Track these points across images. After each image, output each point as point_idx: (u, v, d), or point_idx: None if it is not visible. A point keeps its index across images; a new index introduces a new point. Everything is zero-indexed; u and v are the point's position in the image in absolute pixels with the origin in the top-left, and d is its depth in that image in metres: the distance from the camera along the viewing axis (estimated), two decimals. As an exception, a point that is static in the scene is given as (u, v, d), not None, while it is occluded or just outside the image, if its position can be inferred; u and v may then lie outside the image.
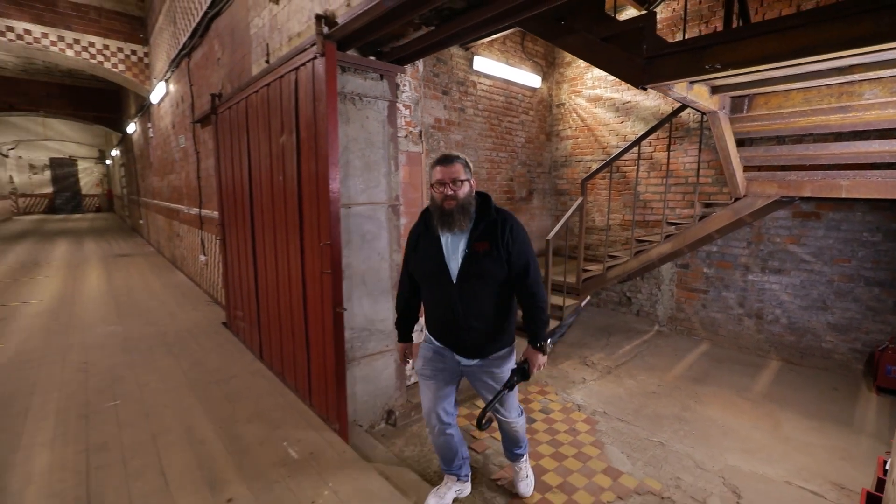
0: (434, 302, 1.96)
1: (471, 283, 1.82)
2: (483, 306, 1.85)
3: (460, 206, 1.78)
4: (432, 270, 1.89)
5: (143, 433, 2.50)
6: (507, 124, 5.77)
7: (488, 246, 1.80)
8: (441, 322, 1.95)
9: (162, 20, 6.46)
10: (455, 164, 1.79)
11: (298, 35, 2.67)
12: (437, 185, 1.79)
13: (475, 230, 1.82)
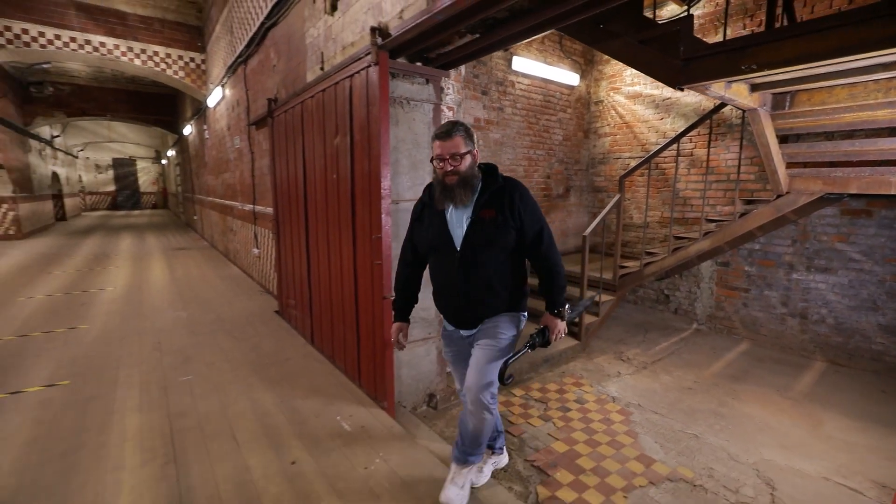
0: (438, 272, 1.90)
1: (475, 252, 1.76)
2: (488, 275, 1.78)
3: (462, 181, 1.73)
4: (436, 240, 1.84)
5: (215, 404, 2.80)
6: (544, 122, 5.85)
7: (494, 213, 1.74)
8: (445, 293, 1.90)
9: (219, 29, 6.93)
10: (454, 136, 1.72)
11: (352, 45, 2.90)
12: (437, 161, 1.75)
13: (481, 198, 1.77)
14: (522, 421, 3.20)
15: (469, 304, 1.84)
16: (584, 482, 2.54)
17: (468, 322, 1.91)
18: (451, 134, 1.72)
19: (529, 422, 3.19)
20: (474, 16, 2.09)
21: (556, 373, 4.03)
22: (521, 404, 3.45)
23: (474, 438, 1.95)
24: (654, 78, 2.62)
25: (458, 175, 1.72)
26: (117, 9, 7.46)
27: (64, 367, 3.36)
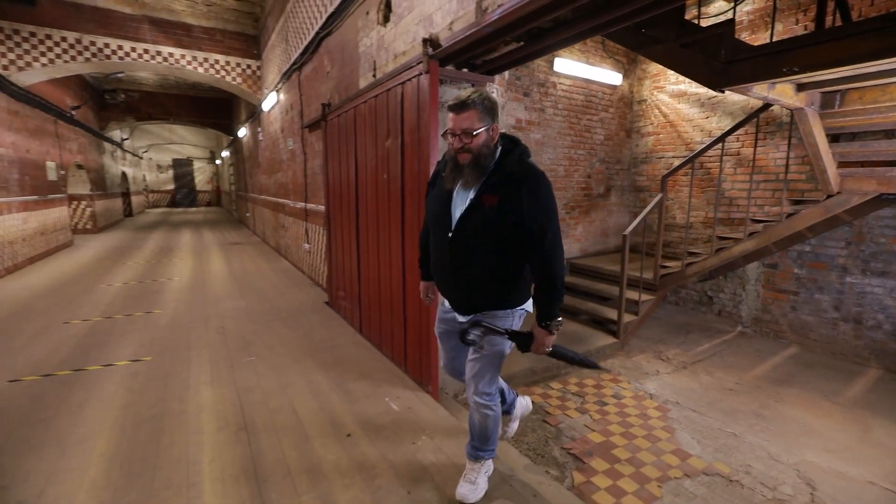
0: (433, 247, 1.84)
1: (466, 237, 1.65)
2: (477, 263, 1.66)
3: (474, 160, 1.60)
4: (436, 214, 1.77)
5: (276, 383, 3.10)
6: (585, 122, 5.89)
7: (496, 201, 1.58)
8: (436, 270, 1.85)
9: (275, 38, 7.38)
10: (469, 109, 1.56)
11: (404, 53, 3.11)
12: (449, 135, 1.62)
13: (489, 180, 1.62)
14: (559, 412, 3.32)
15: (457, 288, 1.75)
16: (618, 471, 2.64)
17: (460, 307, 1.81)
18: (465, 106, 1.55)
19: (566, 413, 3.31)
20: (521, 27, 2.24)
21: (593, 370, 4.10)
22: (559, 397, 3.56)
23: (481, 434, 1.95)
24: (695, 80, 2.67)
25: (470, 153, 1.58)
26: (184, 21, 8.08)
27: (145, 345, 3.77)
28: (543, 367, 3.91)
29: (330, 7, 4.49)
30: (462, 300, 1.78)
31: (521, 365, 3.83)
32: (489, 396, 1.85)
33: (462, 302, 1.79)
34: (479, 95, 1.57)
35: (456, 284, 1.75)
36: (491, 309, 1.75)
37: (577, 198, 5.96)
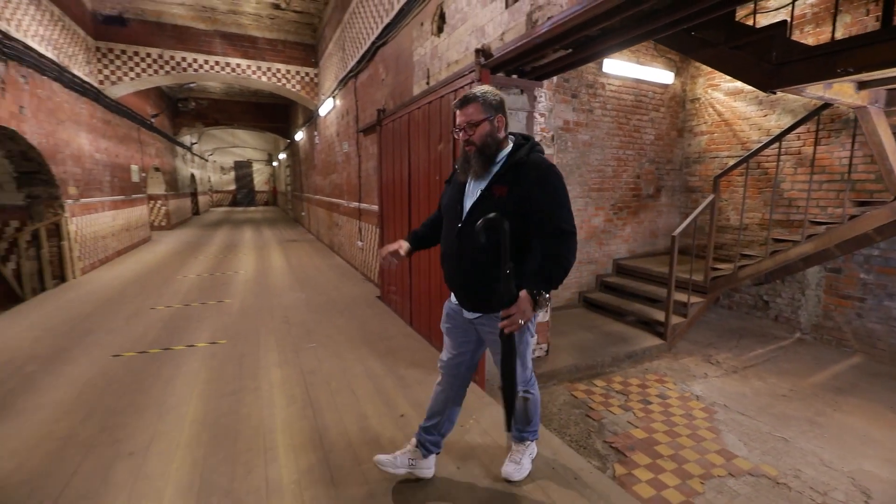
0: (445, 239, 1.85)
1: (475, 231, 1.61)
2: (483, 259, 1.66)
3: (478, 151, 1.66)
4: (449, 205, 1.82)
5: (336, 366, 3.38)
6: (635, 122, 5.85)
7: (506, 192, 1.62)
8: (445, 263, 1.85)
9: (332, 47, 7.82)
10: (470, 104, 1.65)
11: (457, 62, 3.31)
12: (456, 130, 1.72)
13: (498, 172, 1.67)
14: (602, 408, 3.40)
15: (465, 280, 1.75)
16: (660, 465, 2.70)
17: (467, 300, 1.80)
18: (467, 101, 1.66)
19: (609, 410, 3.38)
20: (569, 37, 2.37)
21: (638, 369, 4.12)
22: (603, 394, 3.63)
23: (524, 417, 2.05)
24: (745, 82, 2.67)
25: (474, 146, 1.66)
26: (250, 34, 8.73)
27: (220, 330, 4.20)
28: (587, 365, 3.98)
29: (386, 18, 4.77)
30: (469, 292, 1.77)
31: (566, 361, 3.93)
32: (525, 382, 1.94)
33: (469, 294, 1.77)
34: (482, 91, 1.65)
35: (464, 275, 1.75)
36: (497, 309, 1.69)
37: (625, 198, 5.92)
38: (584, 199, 5.58)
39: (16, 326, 4.29)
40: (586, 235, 5.67)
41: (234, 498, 1.96)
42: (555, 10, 2.30)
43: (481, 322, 1.82)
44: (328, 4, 7.82)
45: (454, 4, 3.31)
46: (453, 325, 1.94)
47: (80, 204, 6.59)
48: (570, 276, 5.64)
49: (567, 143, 5.34)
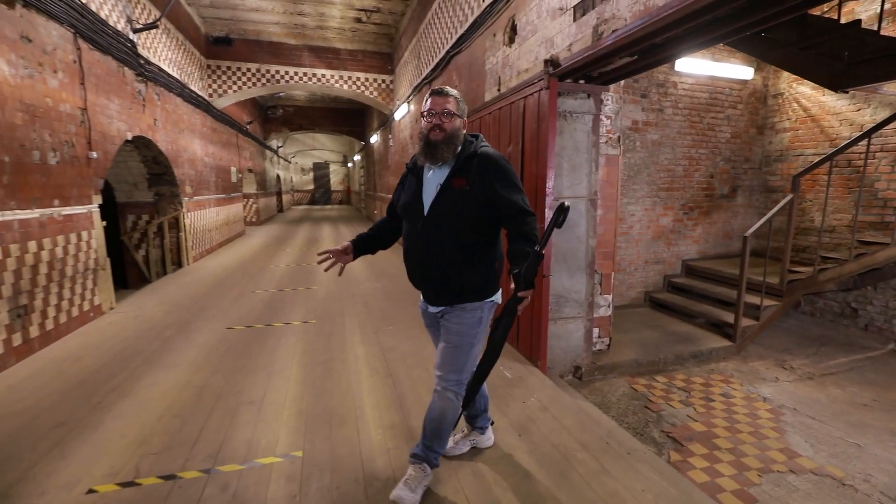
0: (405, 237, 1.88)
1: (440, 221, 1.73)
2: (451, 247, 1.73)
3: (447, 138, 1.72)
4: (408, 203, 1.83)
5: (412, 346, 3.79)
6: (709, 120, 5.72)
7: (465, 183, 1.70)
8: (408, 260, 1.89)
9: (407, 55, 8.34)
10: (450, 98, 1.75)
11: (526, 70, 3.57)
12: (427, 115, 1.74)
13: (455, 166, 1.75)
14: (662, 402, 3.49)
15: (429, 274, 1.79)
16: (717, 456, 2.79)
17: (430, 296, 1.87)
18: (446, 93, 1.75)
19: (669, 404, 3.47)
20: (634, 47, 2.55)
21: (703, 369, 4.12)
22: (664, 389, 3.71)
23: (438, 425, 1.85)
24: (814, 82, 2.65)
25: (443, 132, 1.71)
26: (334, 47, 9.52)
27: (310, 312, 4.79)
28: (649, 361, 4.06)
29: (460, 29, 5.12)
30: (433, 286, 1.81)
31: (627, 356, 4.04)
32: (455, 384, 1.82)
33: (433, 288, 1.81)
34: (458, 94, 1.79)
35: (428, 270, 1.78)
36: (462, 301, 1.79)
37: (696, 198, 5.81)
38: (652, 198, 5.57)
39: (151, 301, 5.18)
40: (653, 235, 5.65)
41: (334, 441, 2.39)
42: (619, 24, 2.49)
43: (443, 315, 1.87)
44: (405, 16, 8.35)
45: (525, 17, 3.57)
46: (427, 323, 2.04)
47: (193, 201, 7.65)
48: (636, 276, 5.66)
49: (635, 142, 5.37)
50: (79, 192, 4.24)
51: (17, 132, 3.45)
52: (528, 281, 1.55)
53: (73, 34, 4.22)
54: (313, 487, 2.03)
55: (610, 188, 3.71)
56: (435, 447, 1.91)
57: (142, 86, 5.76)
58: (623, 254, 5.52)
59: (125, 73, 5.31)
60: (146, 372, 3.26)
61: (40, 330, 3.66)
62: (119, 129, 5.11)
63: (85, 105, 4.39)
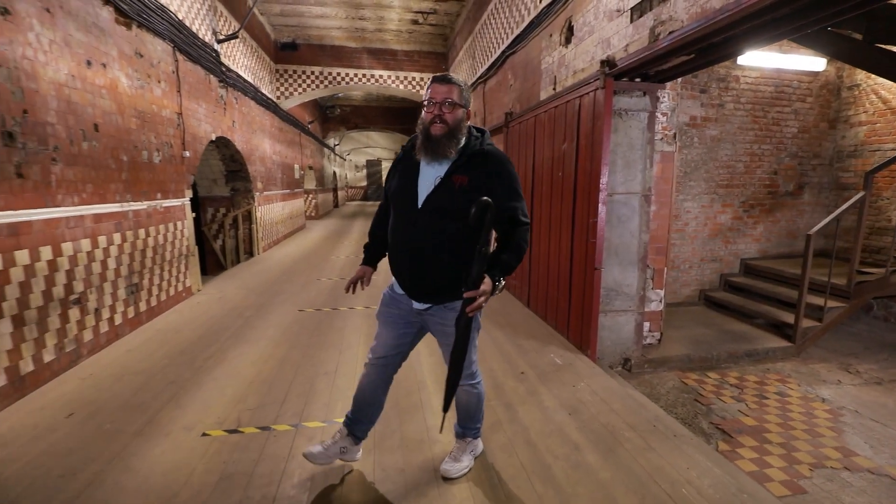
0: (395, 228, 1.78)
1: (436, 216, 1.66)
2: (445, 242, 1.67)
3: (449, 132, 1.62)
4: (402, 193, 1.74)
5: (464, 333, 4.04)
6: (774, 115, 5.53)
7: (466, 181, 1.63)
8: (397, 252, 1.78)
9: (462, 55, 8.57)
10: (454, 86, 1.63)
11: (582, 70, 3.70)
12: (429, 105, 1.64)
13: (458, 161, 1.66)
14: (713, 396, 3.53)
15: (418, 270, 1.71)
16: (767, 449, 2.83)
17: (417, 292, 1.77)
18: (449, 80, 1.64)
19: (720, 398, 3.50)
20: (691, 48, 2.64)
21: (758, 368, 4.08)
22: (715, 385, 3.73)
23: (467, 412, 2.02)
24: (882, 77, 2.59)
25: (445, 125, 1.61)
26: (391, 48, 9.93)
27: (370, 298, 5.16)
28: (701, 357, 4.08)
29: (516, 30, 5.28)
30: (423, 282, 1.73)
31: (678, 351, 4.08)
32: (472, 376, 1.91)
33: (423, 284, 1.73)
34: (463, 82, 1.68)
35: (417, 264, 1.71)
36: (451, 299, 1.75)
37: (758, 195, 5.65)
38: (710, 195, 5.48)
39: (230, 285, 5.77)
40: (710, 233, 5.56)
41: (401, 409, 2.69)
42: (676, 26, 2.58)
43: (430, 313, 1.79)
44: (460, 16, 8.58)
45: (582, 18, 3.69)
46: (397, 314, 1.87)
47: (262, 196, 8.31)
48: (691, 274, 5.60)
49: (693, 138, 5.31)
50: (175, 187, 4.83)
51: (132, 135, 4.02)
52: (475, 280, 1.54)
53: (173, 48, 4.80)
54: (386, 443, 2.33)
55: (664, 184, 3.76)
56: (471, 426, 2.08)
57: (223, 91, 6.37)
58: (677, 251, 5.48)
59: (211, 80, 5.92)
60: (234, 345, 3.72)
61: (147, 305, 4.25)
62: (205, 131, 5.72)
63: (181, 110, 4.98)
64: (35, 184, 2.91)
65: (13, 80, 2.74)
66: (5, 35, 2.68)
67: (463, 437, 2.11)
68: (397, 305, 1.86)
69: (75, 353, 3.27)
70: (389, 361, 1.95)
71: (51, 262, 3.04)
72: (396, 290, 1.87)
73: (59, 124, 3.13)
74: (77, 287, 3.30)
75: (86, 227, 3.40)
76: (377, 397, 2.01)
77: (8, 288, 2.70)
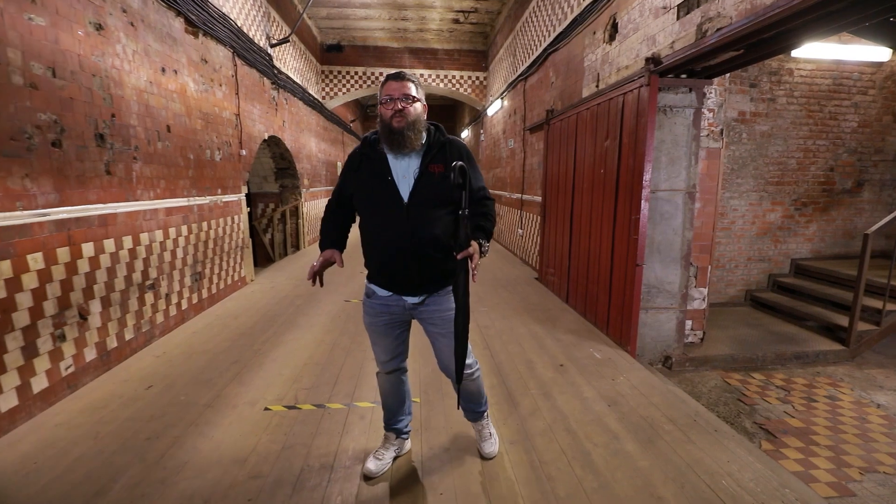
0: (380, 229, 1.77)
1: (423, 207, 1.72)
2: (435, 231, 1.74)
3: (410, 124, 1.67)
4: (378, 193, 1.75)
5: (505, 325, 4.14)
6: (831, 109, 5.29)
7: (443, 169, 1.73)
8: (387, 252, 1.77)
9: (502, 53, 8.62)
10: (409, 81, 1.71)
11: (626, 67, 3.71)
12: (387, 102, 1.68)
13: (429, 152, 1.74)
14: (757, 397, 3.48)
15: (415, 264, 1.75)
16: (813, 451, 2.78)
17: (412, 286, 1.80)
18: (405, 78, 1.71)
19: (765, 399, 3.45)
20: (741, 42, 2.62)
21: (807, 371, 3.97)
22: (760, 386, 3.67)
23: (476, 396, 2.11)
24: None
25: (405, 119, 1.66)
26: (432, 47, 10.09)
27: (411, 291, 5.35)
28: (746, 357, 4.00)
29: (559, 28, 5.31)
30: (419, 274, 1.77)
31: (721, 350, 4.02)
32: (469, 367, 1.97)
33: (418, 276, 1.77)
34: (412, 74, 1.75)
35: (415, 256, 1.73)
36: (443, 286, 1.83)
37: (810, 193, 5.42)
38: (759, 193, 5.32)
39: (280, 276, 6.12)
40: (758, 232, 5.40)
41: (444, 394, 2.83)
42: (724, 23, 2.57)
43: (426, 304, 1.84)
44: (500, 14, 8.63)
45: (627, 16, 3.70)
46: (387, 320, 1.89)
47: (308, 192, 8.68)
48: (737, 273, 5.46)
49: (741, 134, 5.17)
50: (233, 183, 5.18)
51: (198, 135, 4.36)
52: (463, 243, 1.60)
53: (232, 53, 5.14)
54: (431, 424, 2.48)
55: (710, 181, 3.72)
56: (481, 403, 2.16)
57: (275, 92, 6.72)
58: (723, 249, 5.36)
59: (264, 83, 6.27)
60: (287, 330, 3.99)
61: (208, 292, 4.60)
62: (259, 130, 6.07)
63: (238, 111, 5.32)
64: (120, 180, 3.24)
65: (104, 87, 3.07)
66: (99, 48, 3.01)
67: (481, 418, 2.20)
68: (387, 310, 1.87)
69: (150, 333, 3.62)
70: (397, 364, 2.02)
71: (131, 250, 3.38)
72: (381, 293, 1.87)
73: (139, 126, 3.46)
74: (152, 273, 3.64)
75: (159, 220, 3.74)
76: (402, 396, 2.11)
77: (98, 272, 3.03)
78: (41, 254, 2.59)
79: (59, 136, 2.70)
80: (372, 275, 1.89)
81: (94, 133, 2.97)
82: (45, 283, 2.62)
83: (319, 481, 2.04)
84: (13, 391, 2.42)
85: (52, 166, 2.65)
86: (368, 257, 1.88)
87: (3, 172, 2.34)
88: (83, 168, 2.89)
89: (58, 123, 2.69)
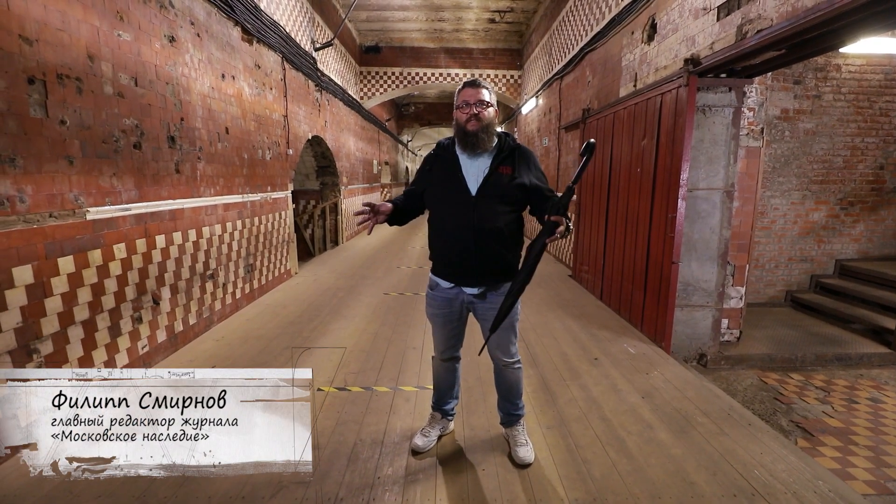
0: (448, 221, 1.91)
1: (490, 202, 1.85)
2: (498, 224, 1.86)
3: (484, 127, 1.83)
4: (449, 187, 1.91)
5: (539, 320, 4.26)
6: (882, 105, 5.11)
7: (511, 170, 1.86)
8: (454, 243, 1.90)
9: (538, 52, 8.66)
10: (484, 89, 1.86)
11: (665, 68, 3.75)
12: (463, 107, 1.85)
13: (499, 154, 1.88)
14: (795, 396, 3.48)
15: (479, 255, 1.87)
16: (852, 450, 2.79)
17: (474, 276, 1.92)
18: (481, 86, 1.87)
19: (803, 398, 3.44)
20: (783, 43, 2.65)
21: (850, 373, 3.90)
22: (798, 386, 3.66)
23: (516, 390, 2.18)
24: None
25: (480, 122, 1.82)
26: (468, 47, 10.23)
27: (447, 286, 5.53)
28: (784, 358, 3.97)
29: (596, 27, 5.35)
30: (481, 265, 1.89)
31: (758, 349, 4.01)
32: (514, 355, 2.11)
33: (481, 267, 1.89)
34: (485, 81, 1.91)
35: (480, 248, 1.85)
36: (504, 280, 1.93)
37: (858, 192, 5.26)
38: (802, 191, 5.21)
39: (322, 270, 6.42)
40: (800, 231, 5.29)
41: (483, 381, 2.99)
42: (764, 24, 2.60)
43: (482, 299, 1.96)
44: (536, 13, 8.67)
45: (666, 16, 3.73)
46: (448, 313, 2.05)
47: (347, 189, 9.00)
48: (777, 274, 5.37)
49: (784, 132, 5.07)
50: (281, 181, 5.49)
51: (251, 136, 4.68)
52: (562, 207, 1.66)
53: (281, 58, 5.44)
54: (473, 408, 2.65)
55: (749, 180, 3.72)
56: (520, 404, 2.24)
57: (318, 94, 7.03)
58: (762, 249, 5.28)
59: (309, 85, 6.58)
60: (332, 320, 4.24)
61: (258, 283, 4.92)
62: (304, 131, 6.38)
63: (286, 113, 5.63)
64: (186, 178, 3.56)
65: (175, 93, 3.38)
66: (171, 58, 3.32)
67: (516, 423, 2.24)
68: (448, 304, 2.02)
69: (209, 319, 3.94)
70: (453, 353, 2.20)
71: (195, 242, 3.70)
72: (444, 285, 2.00)
73: (203, 129, 3.77)
74: (211, 264, 3.96)
75: (218, 215, 4.06)
76: (453, 381, 2.28)
77: (168, 262, 3.35)
78: (124, 244, 2.91)
79: (140, 138, 3.01)
80: (436, 266, 2.03)
81: (166, 136, 3.29)
82: (127, 270, 2.94)
83: (371, 454, 2.24)
84: (101, 366, 2.74)
85: (133, 166, 2.96)
86: (434, 248, 2.01)
87: (95, 172, 2.66)
88: (157, 167, 3.21)
89: (138, 128, 3.00)
